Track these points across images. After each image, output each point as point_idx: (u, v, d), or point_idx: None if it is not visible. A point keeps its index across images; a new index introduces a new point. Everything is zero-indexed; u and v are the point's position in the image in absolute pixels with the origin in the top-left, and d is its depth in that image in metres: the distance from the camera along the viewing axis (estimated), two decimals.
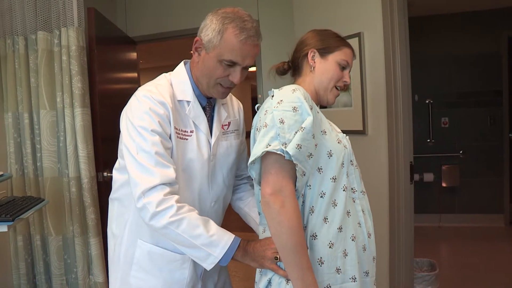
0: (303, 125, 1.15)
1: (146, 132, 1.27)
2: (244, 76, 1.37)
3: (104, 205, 2.87)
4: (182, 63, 1.48)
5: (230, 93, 1.52)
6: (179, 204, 1.24)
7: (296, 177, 1.17)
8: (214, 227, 1.26)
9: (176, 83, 1.41)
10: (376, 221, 1.38)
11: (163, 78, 1.43)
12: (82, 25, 2.76)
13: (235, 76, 1.34)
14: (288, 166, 1.14)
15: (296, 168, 1.14)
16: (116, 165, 1.47)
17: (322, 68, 1.36)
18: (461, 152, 4.89)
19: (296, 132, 1.14)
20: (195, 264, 1.41)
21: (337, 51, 1.36)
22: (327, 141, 1.23)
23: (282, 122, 1.15)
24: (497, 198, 4.88)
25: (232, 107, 1.59)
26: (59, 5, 2.73)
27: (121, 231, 1.46)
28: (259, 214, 1.33)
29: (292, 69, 1.45)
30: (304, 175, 1.17)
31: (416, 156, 2.55)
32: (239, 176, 1.68)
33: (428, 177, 4.94)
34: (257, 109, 1.34)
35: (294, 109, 1.17)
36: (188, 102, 1.40)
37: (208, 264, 1.25)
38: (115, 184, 1.48)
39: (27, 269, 2.83)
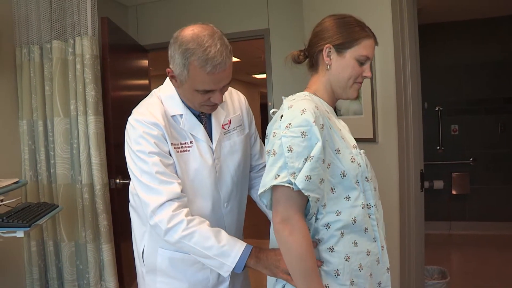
0: (312, 154, 1.11)
1: (144, 155, 1.32)
2: (225, 91, 1.37)
3: (117, 211, 2.92)
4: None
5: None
6: (188, 218, 1.29)
7: (305, 202, 1.17)
8: (225, 237, 1.30)
9: (165, 99, 1.42)
10: (387, 229, 1.38)
11: (153, 96, 1.45)
12: (95, 34, 2.81)
13: (216, 98, 1.34)
14: (295, 196, 1.14)
15: (310, 198, 1.13)
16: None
17: (338, 67, 1.27)
18: (471, 159, 4.86)
19: (305, 160, 1.11)
20: None
21: (355, 45, 1.24)
22: (341, 161, 1.20)
23: (290, 150, 1.12)
24: (508, 206, 4.83)
25: (232, 104, 1.57)
26: (74, 15, 2.78)
27: (142, 241, 1.51)
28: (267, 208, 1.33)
29: (308, 61, 1.36)
30: (318, 200, 1.17)
31: (425, 164, 2.55)
32: (256, 167, 1.69)
33: (438, 184, 4.91)
34: (272, 114, 1.32)
35: (303, 134, 1.13)
36: (180, 115, 1.41)
37: (224, 272, 1.29)
38: (131, 195, 1.52)
39: (40, 274, 2.87)
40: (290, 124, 1.15)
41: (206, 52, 1.23)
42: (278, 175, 1.13)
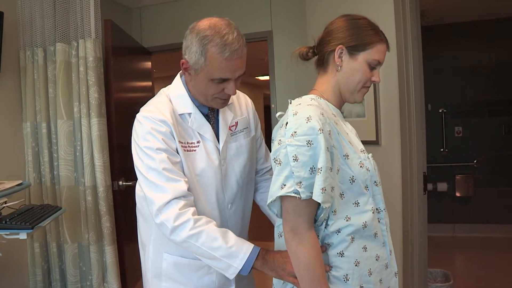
0: (319, 166, 1.09)
1: (151, 151, 1.30)
2: (238, 84, 1.37)
3: (120, 213, 2.92)
4: (178, 76, 1.47)
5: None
6: (195, 217, 1.26)
7: (314, 211, 1.16)
8: (232, 238, 1.28)
9: (174, 98, 1.42)
10: (390, 232, 1.38)
11: (162, 95, 1.45)
12: (99, 36, 2.82)
13: (230, 89, 1.33)
14: (303, 205, 1.13)
15: (324, 206, 1.12)
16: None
17: (350, 69, 1.24)
18: (475, 161, 4.84)
19: (311, 169, 1.10)
20: None
21: (368, 49, 1.22)
22: (350, 167, 1.18)
23: (296, 159, 1.10)
24: None
25: (239, 106, 1.57)
26: (77, 18, 2.80)
27: (147, 245, 1.50)
28: (277, 217, 1.31)
29: (316, 59, 1.33)
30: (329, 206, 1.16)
31: (429, 166, 2.54)
32: (260, 171, 1.68)
33: (442, 186, 4.90)
34: (278, 118, 1.30)
35: (308, 143, 1.10)
36: (189, 114, 1.41)
37: (230, 274, 1.27)
38: (137, 198, 1.51)
39: (43, 276, 2.87)
40: (295, 132, 1.13)
41: (224, 38, 1.25)
42: (284, 185, 1.12)
